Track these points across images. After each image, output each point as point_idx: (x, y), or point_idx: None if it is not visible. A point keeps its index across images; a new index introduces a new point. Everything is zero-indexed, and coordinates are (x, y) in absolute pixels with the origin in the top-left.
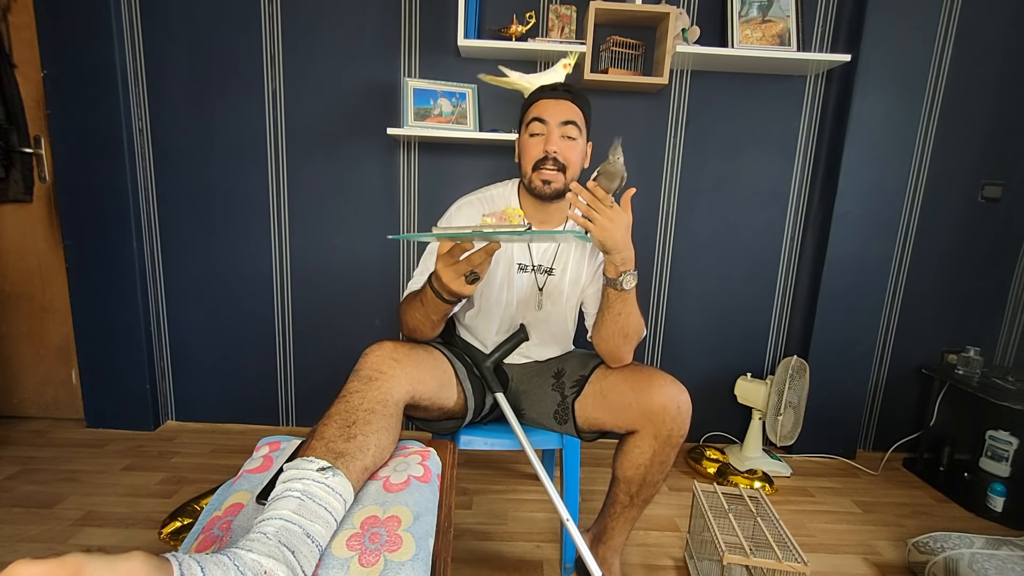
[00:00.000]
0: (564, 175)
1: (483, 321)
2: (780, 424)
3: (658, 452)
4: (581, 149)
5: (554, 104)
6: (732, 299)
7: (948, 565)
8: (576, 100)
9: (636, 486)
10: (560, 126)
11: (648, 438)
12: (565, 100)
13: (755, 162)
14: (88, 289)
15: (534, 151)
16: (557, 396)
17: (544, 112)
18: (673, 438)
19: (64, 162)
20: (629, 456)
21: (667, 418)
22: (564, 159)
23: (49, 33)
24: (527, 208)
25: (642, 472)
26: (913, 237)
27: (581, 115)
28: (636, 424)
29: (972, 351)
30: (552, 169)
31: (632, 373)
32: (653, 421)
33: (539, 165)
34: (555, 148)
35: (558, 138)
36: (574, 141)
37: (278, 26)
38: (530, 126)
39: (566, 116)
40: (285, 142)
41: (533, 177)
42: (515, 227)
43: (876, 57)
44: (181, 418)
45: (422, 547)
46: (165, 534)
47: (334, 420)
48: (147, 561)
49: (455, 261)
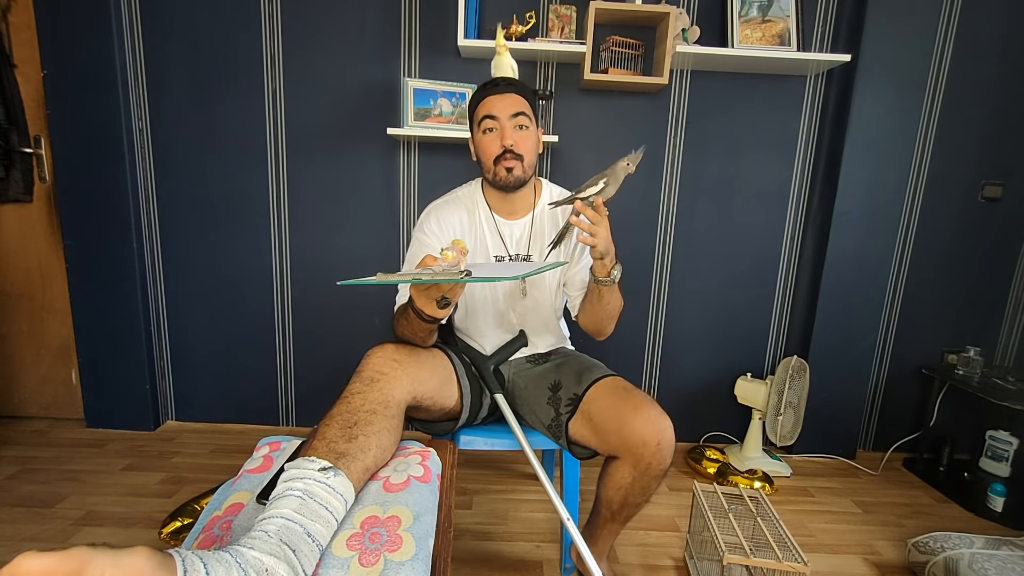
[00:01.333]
0: (523, 163)
1: (473, 321)
2: (780, 424)
3: (638, 480)
4: (534, 137)
5: (500, 99)
6: (732, 299)
7: (948, 565)
8: (520, 91)
9: (617, 505)
10: (511, 118)
11: (628, 465)
12: (510, 93)
13: (755, 162)
14: (88, 289)
15: (492, 147)
16: (552, 411)
17: (493, 108)
18: (652, 470)
19: (64, 162)
20: (611, 478)
21: (646, 452)
22: (520, 150)
23: (49, 33)
24: (493, 201)
25: (622, 495)
26: (913, 237)
27: (528, 105)
28: (617, 452)
29: (972, 351)
30: (512, 159)
31: (621, 400)
32: (633, 452)
33: (499, 159)
34: (511, 141)
35: (511, 130)
36: (527, 131)
37: (278, 26)
38: (482, 124)
39: (515, 108)
40: (285, 142)
41: (496, 170)
42: (453, 273)
43: (876, 57)
44: (181, 418)
45: (422, 547)
46: (165, 534)
47: (336, 420)
48: (151, 556)
49: (426, 288)
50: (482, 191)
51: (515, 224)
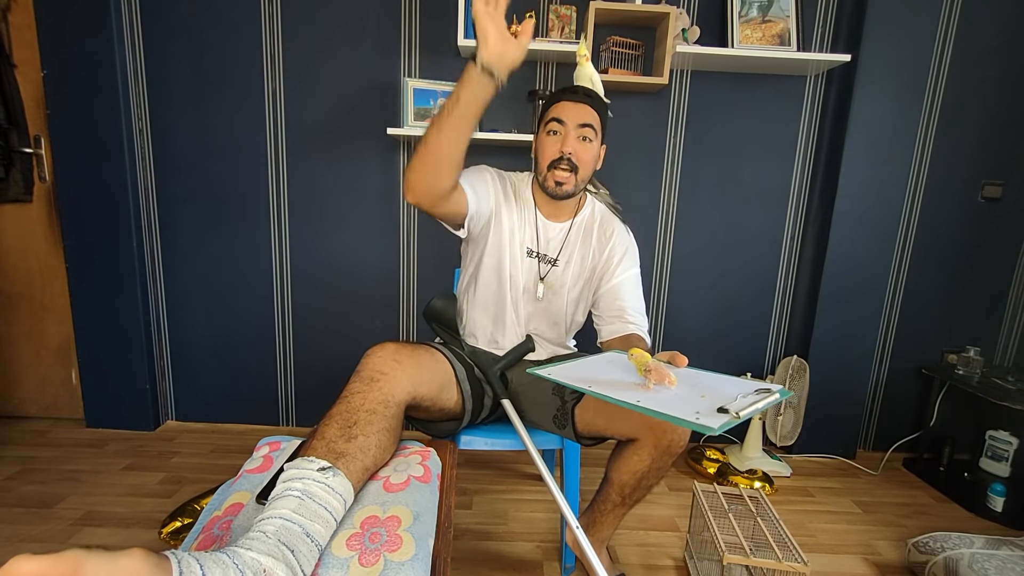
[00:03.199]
0: (576, 176)
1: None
2: (780, 424)
3: (656, 460)
4: (595, 151)
5: (573, 106)
6: (732, 299)
7: (948, 565)
8: (594, 104)
9: (630, 489)
10: (577, 128)
11: (648, 447)
12: (584, 103)
13: (755, 162)
14: (88, 289)
15: (550, 150)
16: (557, 401)
17: (563, 113)
18: (673, 448)
19: (64, 162)
20: (627, 462)
21: (669, 428)
22: (578, 160)
23: (49, 33)
24: (539, 198)
25: (638, 478)
26: (913, 237)
27: (598, 119)
28: (637, 433)
29: (972, 351)
30: (565, 170)
31: None
32: (655, 431)
33: (554, 164)
34: (571, 149)
35: (574, 139)
36: (590, 143)
37: (278, 26)
38: (548, 125)
39: (584, 119)
40: (285, 142)
41: (548, 176)
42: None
43: (876, 57)
44: (181, 418)
45: (422, 547)
46: (165, 534)
47: (335, 420)
48: (146, 558)
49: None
50: (531, 186)
51: (552, 226)
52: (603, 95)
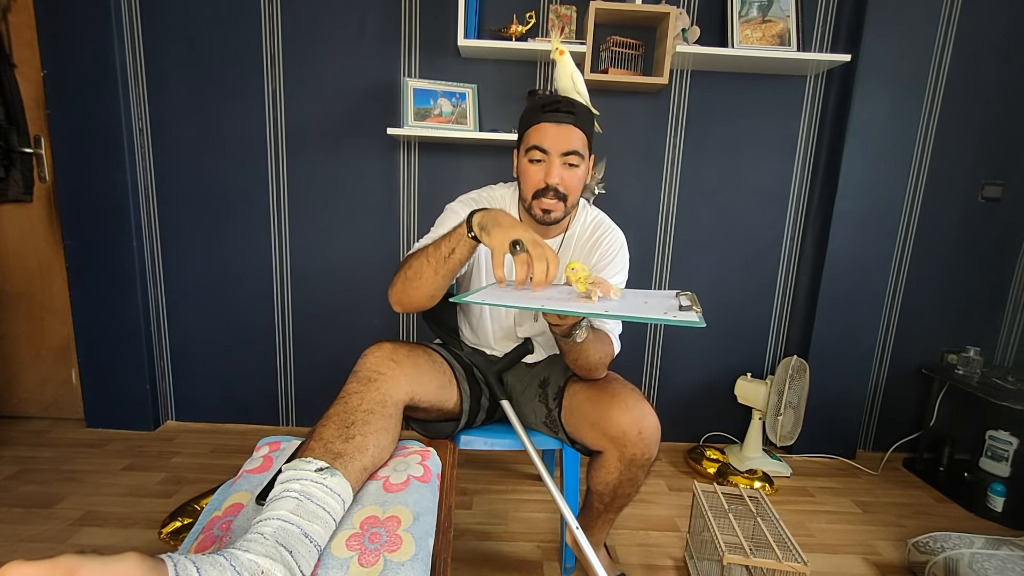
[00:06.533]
0: (565, 203)
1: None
2: (780, 424)
3: (624, 472)
4: (583, 174)
5: (555, 129)
6: (732, 299)
7: (948, 565)
8: (579, 122)
9: (608, 498)
10: (561, 156)
11: (614, 460)
12: (567, 124)
13: (755, 162)
14: (88, 289)
15: (534, 179)
16: (543, 408)
17: (544, 140)
18: (638, 460)
19: (64, 162)
20: (597, 474)
21: (628, 443)
22: (566, 188)
23: (49, 33)
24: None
25: (611, 488)
26: (913, 237)
27: (584, 139)
28: (600, 445)
29: (972, 351)
30: (552, 199)
31: (596, 392)
32: (615, 444)
33: (540, 194)
34: (556, 180)
35: (559, 168)
36: (576, 168)
37: (278, 26)
38: (529, 152)
39: (568, 146)
40: (285, 142)
41: (533, 204)
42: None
43: (876, 57)
44: (181, 418)
45: (422, 547)
46: (165, 534)
47: (333, 421)
48: (141, 562)
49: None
50: (518, 205)
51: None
52: (587, 98)
